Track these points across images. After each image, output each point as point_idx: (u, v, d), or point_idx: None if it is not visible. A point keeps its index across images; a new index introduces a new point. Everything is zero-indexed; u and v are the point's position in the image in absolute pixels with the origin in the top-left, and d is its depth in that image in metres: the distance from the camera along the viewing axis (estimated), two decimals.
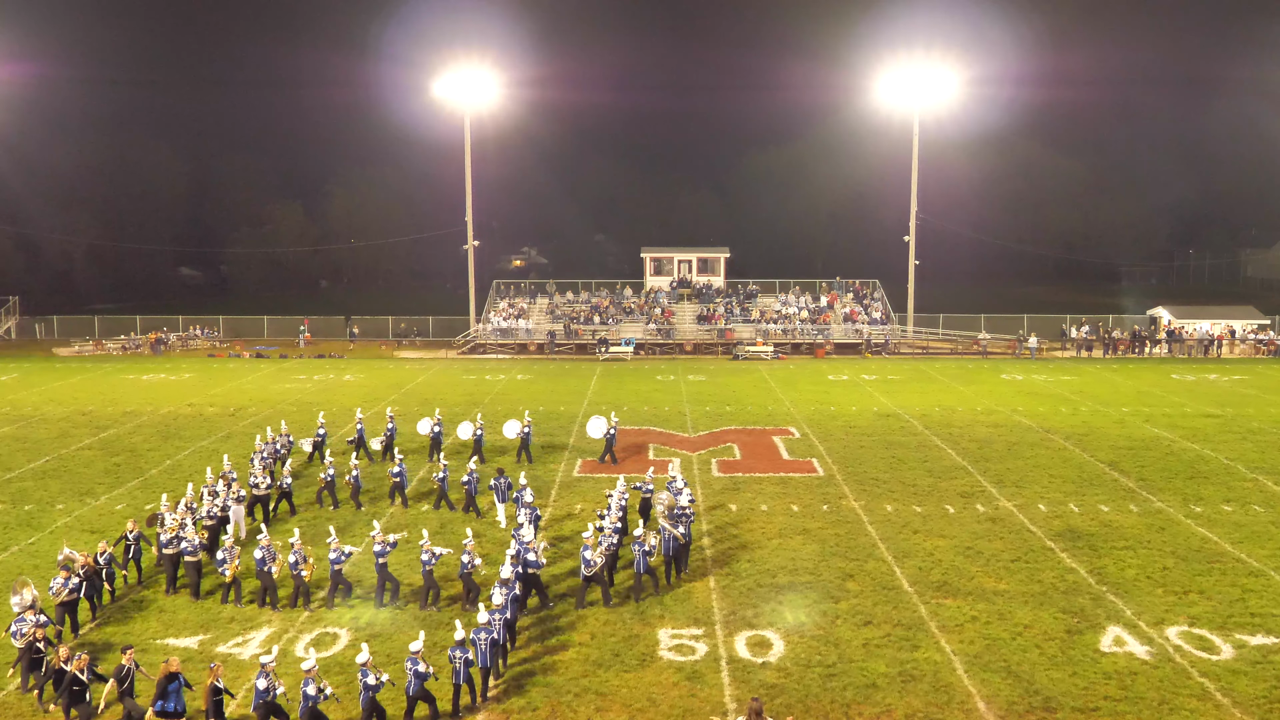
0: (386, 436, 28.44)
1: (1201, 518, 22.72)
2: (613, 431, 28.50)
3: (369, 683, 13.29)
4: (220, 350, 58.42)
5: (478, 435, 27.77)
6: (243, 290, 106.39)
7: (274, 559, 17.66)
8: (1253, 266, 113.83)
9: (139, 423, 34.41)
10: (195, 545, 18.15)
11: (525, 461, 28.08)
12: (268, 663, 13.35)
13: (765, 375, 46.81)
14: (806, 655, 15.69)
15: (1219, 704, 14.11)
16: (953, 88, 58.42)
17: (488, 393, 41.23)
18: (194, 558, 18.12)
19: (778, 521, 22.56)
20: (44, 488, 25.72)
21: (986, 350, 56.19)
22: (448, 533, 21.44)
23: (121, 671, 13.51)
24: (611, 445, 28.46)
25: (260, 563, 17.58)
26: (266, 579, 17.60)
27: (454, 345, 58.32)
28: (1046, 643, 16.07)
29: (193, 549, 18.11)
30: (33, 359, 53.92)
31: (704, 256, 64.04)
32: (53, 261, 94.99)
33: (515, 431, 28.52)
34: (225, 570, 17.62)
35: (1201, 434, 31.99)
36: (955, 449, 29.89)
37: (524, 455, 28.33)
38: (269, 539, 18.12)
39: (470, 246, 60.33)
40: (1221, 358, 54.59)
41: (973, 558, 20.04)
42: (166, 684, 13.20)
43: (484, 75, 58.20)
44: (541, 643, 16.28)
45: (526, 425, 28.62)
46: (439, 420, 28.89)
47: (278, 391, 41.98)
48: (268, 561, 17.56)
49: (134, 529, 18.72)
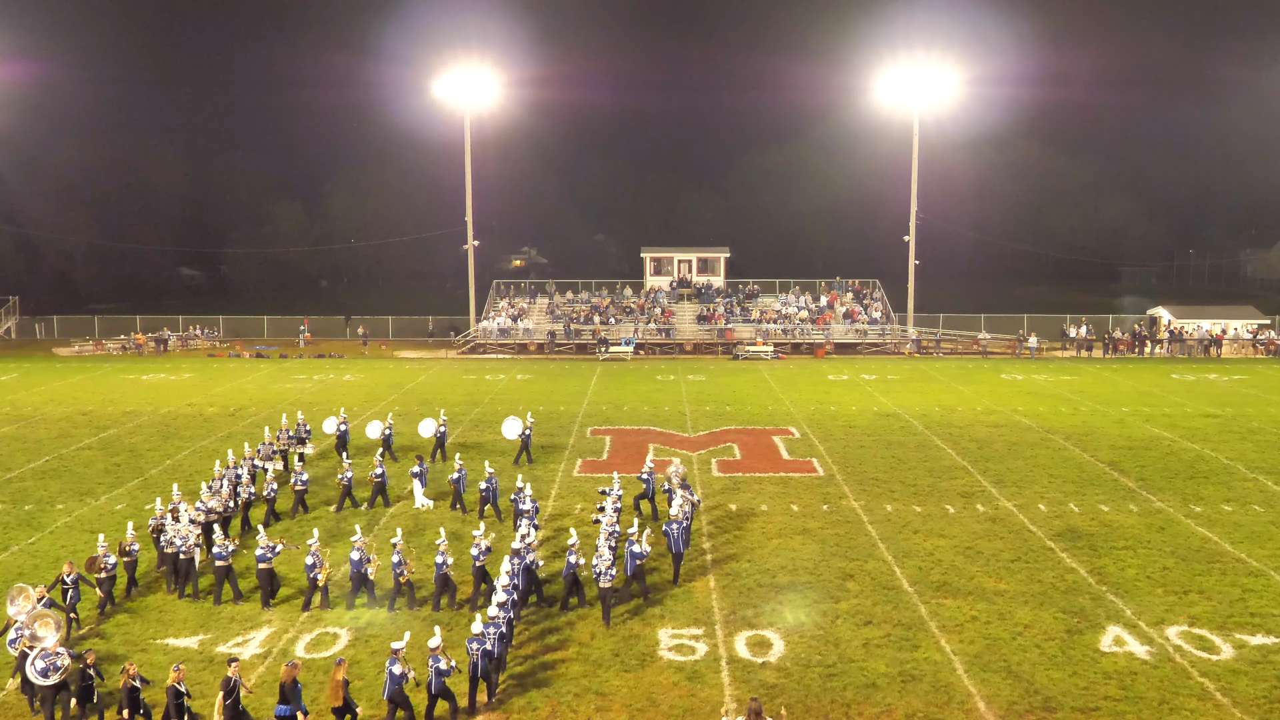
0: (384, 438, 28.44)
1: (1201, 518, 22.72)
2: (528, 431, 28.22)
3: (440, 668, 13.54)
4: (220, 350, 58.42)
5: (386, 435, 28.27)
6: (243, 290, 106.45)
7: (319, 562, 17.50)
8: (1253, 266, 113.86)
9: (139, 423, 34.41)
10: (191, 545, 18.17)
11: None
12: (399, 649, 13.63)
13: (765, 375, 46.81)
14: (806, 655, 15.69)
15: (1219, 704, 14.11)
16: (953, 88, 58.42)
17: (488, 393, 41.23)
18: (187, 555, 18.16)
19: (778, 521, 22.56)
20: (44, 488, 25.72)
21: (987, 350, 56.21)
22: (445, 534, 21.43)
23: (229, 684, 13.09)
24: (527, 445, 28.17)
25: (260, 559, 17.70)
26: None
27: (454, 345, 58.34)
28: (1046, 643, 16.07)
29: (186, 548, 18.15)
30: (33, 359, 53.92)
31: (704, 256, 64.04)
32: (53, 261, 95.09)
33: (516, 432, 28.37)
34: (318, 575, 17.41)
35: (1201, 434, 31.99)
36: (955, 449, 29.89)
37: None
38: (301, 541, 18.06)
39: (470, 246, 60.33)
40: (1221, 358, 54.60)
41: (973, 558, 20.04)
42: (281, 689, 13.20)
43: (484, 75, 58.20)
44: (541, 643, 16.28)
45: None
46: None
47: (278, 391, 41.97)
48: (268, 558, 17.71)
49: (71, 572, 16.80)
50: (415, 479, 23.94)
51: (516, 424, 28.38)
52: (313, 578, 17.47)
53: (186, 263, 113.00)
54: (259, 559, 17.66)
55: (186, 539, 18.12)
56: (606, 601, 16.78)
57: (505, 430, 28.69)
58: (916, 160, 59.14)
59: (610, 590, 16.77)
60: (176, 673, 13.25)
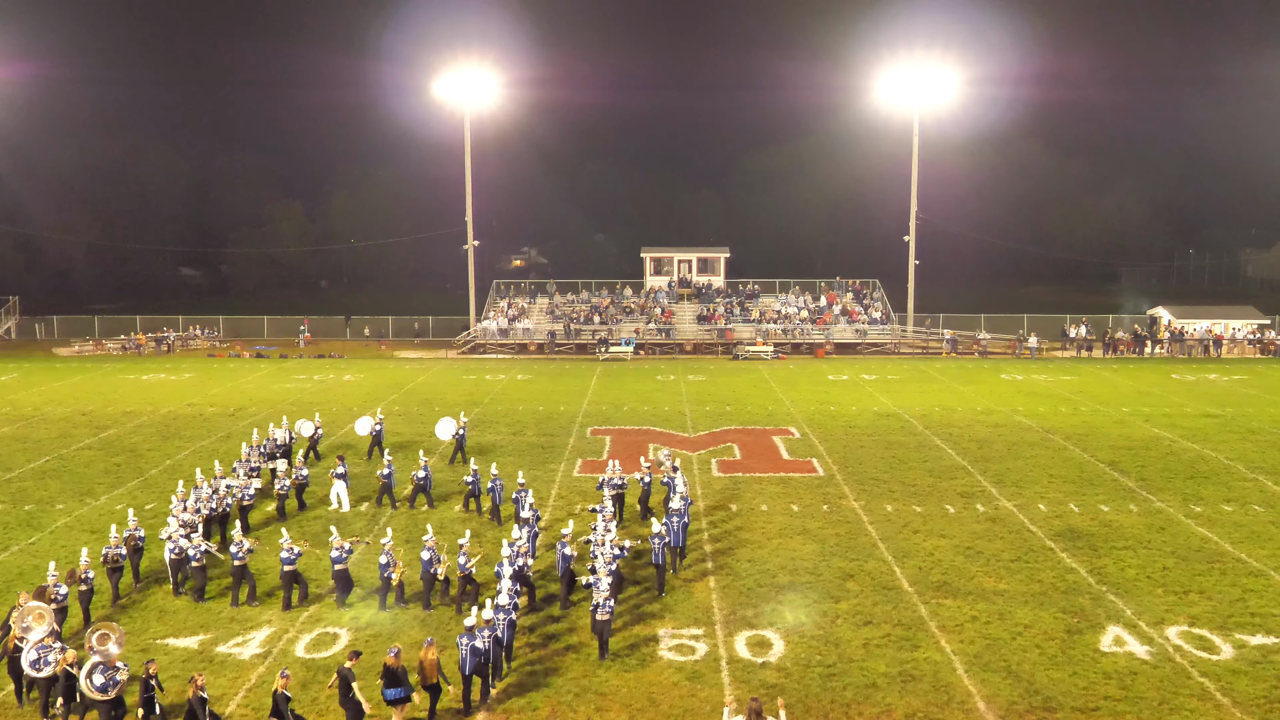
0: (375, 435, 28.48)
1: (1201, 518, 22.72)
2: (461, 432, 28.05)
3: (476, 646, 14.07)
4: (220, 350, 58.42)
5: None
6: (243, 290, 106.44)
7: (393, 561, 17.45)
8: (1253, 266, 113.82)
9: (139, 423, 34.41)
10: (198, 548, 18.15)
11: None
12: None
13: (765, 375, 46.81)
14: (806, 655, 15.69)
15: (1219, 704, 14.11)
16: (953, 88, 58.39)
17: (488, 393, 41.23)
18: (179, 556, 18.17)
19: (778, 521, 22.55)
20: (44, 488, 25.72)
21: (986, 350, 56.20)
22: (444, 533, 21.44)
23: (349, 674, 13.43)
24: (462, 445, 27.98)
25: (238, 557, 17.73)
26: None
27: (454, 345, 58.33)
28: (1046, 643, 16.07)
29: (179, 549, 18.14)
30: (33, 359, 53.92)
31: (704, 256, 64.03)
32: (53, 261, 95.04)
33: (450, 432, 28.02)
34: (392, 574, 17.34)
35: (1201, 434, 31.98)
36: (955, 449, 29.89)
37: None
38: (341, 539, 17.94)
39: (470, 246, 60.32)
40: (1221, 358, 54.59)
41: (973, 558, 20.04)
42: (391, 674, 13.55)
43: (484, 75, 58.17)
44: (541, 642, 16.28)
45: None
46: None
47: (278, 391, 41.97)
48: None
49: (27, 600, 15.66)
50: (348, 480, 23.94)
51: (450, 424, 28.27)
52: (386, 576, 17.39)
53: (186, 263, 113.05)
54: (284, 561, 17.61)
55: (177, 544, 18.13)
56: (604, 636, 15.56)
57: (439, 431, 28.30)
58: (916, 160, 59.12)
59: (607, 623, 15.54)
60: (146, 667, 13.42)
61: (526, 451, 29.71)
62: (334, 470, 24.10)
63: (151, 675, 13.43)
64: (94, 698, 13.29)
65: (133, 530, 18.82)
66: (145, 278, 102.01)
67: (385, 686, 13.62)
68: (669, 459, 23.49)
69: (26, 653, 13.95)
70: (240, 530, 19.14)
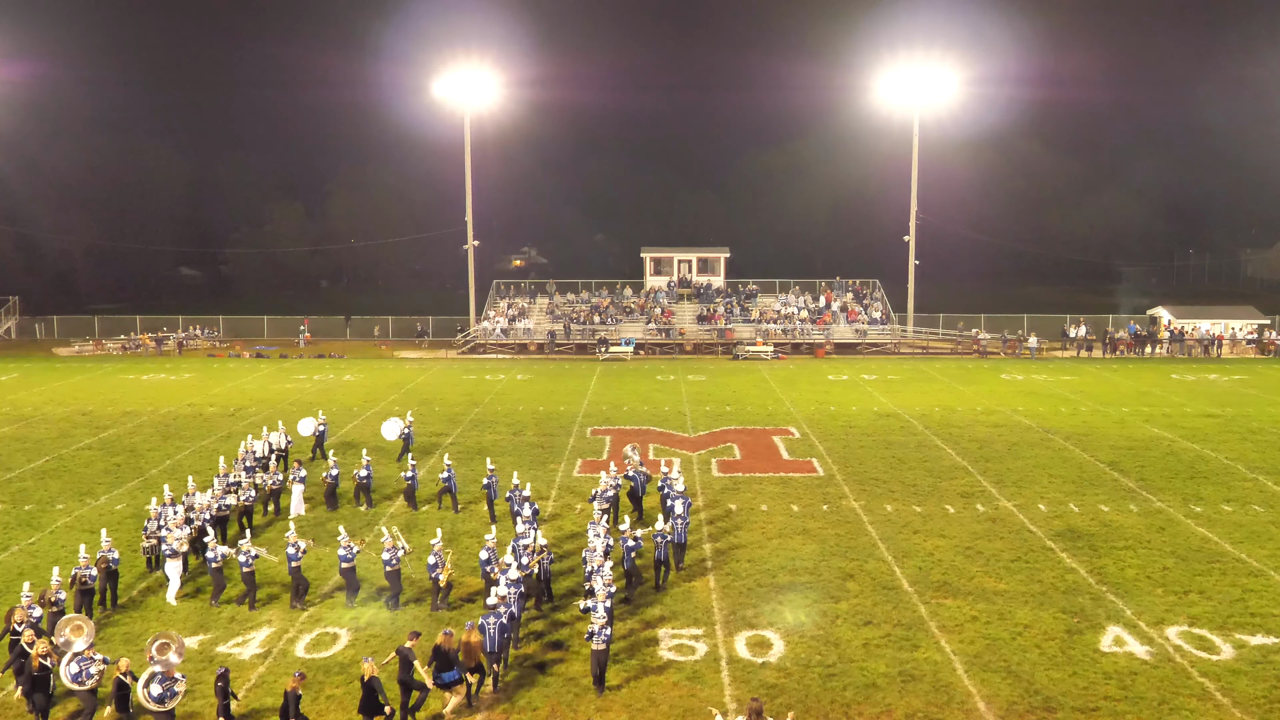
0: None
1: (1201, 518, 22.72)
2: (408, 430, 27.94)
3: (504, 622, 14.73)
4: (220, 350, 58.42)
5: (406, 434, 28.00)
6: (243, 290, 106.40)
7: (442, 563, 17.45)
8: (1253, 266, 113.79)
9: (139, 423, 34.41)
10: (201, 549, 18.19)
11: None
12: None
13: (765, 375, 46.80)
14: (806, 655, 15.69)
15: (1219, 704, 14.11)
16: (953, 88, 58.42)
17: (488, 393, 41.22)
18: (176, 559, 18.20)
19: (778, 521, 22.55)
20: (44, 488, 25.72)
21: (985, 350, 56.19)
22: (458, 539, 21.44)
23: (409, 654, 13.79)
24: (409, 444, 27.75)
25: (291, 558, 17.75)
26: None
27: (454, 345, 58.33)
28: (1046, 643, 16.07)
29: (171, 550, 18.16)
30: (33, 359, 53.92)
31: (704, 256, 64.04)
32: (53, 261, 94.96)
33: (396, 432, 27.90)
34: (439, 575, 17.24)
35: (1201, 434, 31.98)
36: (955, 449, 29.88)
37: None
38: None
39: (470, 246, 60.32)
40: (1221, 358, 54.59)
41: (973, 558, 20.04)
42: (445, 656, 13.81)
43: (484, 75, 58.19)
44: (541, 642, 16.28)
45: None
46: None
47: (278, 391, 41.97)
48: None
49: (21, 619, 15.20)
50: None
51: (396, 424, 28.21)
52: (434, 577, 17.37)
53: (186, 263, 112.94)
54: (290, 558, 17.61)
55: (171, 546, 18.15)
56: (601, 666, 14.63)
57: (384, 431, 28.19)
58: (916, 160, 59.14)
59: (605, 652, 14.61)
60: (118, 665, 13.70)
61: (526, 451, 29.72)
62: (294, 474, 23.42)
63: (125, 672, 13.62)
64: (150, 708, 13.06)
65: (105, 551, 17.64)
66: (145, 278, 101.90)
67: (438, 669, 13.72)
68: (635, 451, 24.37)
69: (67, 665, 13.56)
70: (249, 536, 18.78)
